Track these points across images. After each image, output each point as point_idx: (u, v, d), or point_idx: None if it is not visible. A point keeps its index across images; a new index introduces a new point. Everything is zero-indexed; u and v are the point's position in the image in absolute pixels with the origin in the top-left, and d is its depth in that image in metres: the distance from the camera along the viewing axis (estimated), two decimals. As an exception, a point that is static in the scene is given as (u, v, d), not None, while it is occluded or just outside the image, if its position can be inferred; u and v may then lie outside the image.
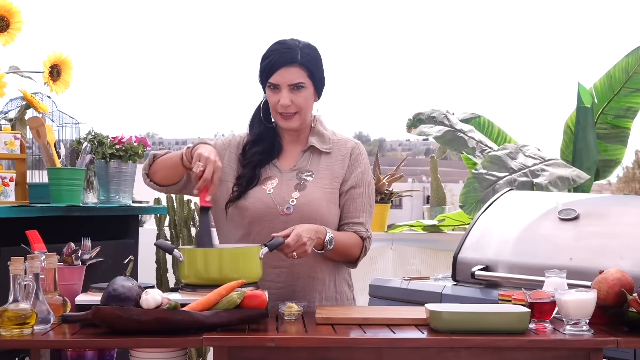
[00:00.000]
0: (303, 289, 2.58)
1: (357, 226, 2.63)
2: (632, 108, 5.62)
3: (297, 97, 2.57)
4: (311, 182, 2.60)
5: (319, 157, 2.66)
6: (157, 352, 2.16)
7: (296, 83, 2.56)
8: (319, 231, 2.48)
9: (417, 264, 5.11)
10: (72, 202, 3.15)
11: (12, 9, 3.31)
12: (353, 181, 2.65)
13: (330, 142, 2.68)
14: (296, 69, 2.56)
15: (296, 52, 2.57)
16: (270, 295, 2.51)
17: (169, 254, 2.44)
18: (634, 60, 5.51)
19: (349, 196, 2.64)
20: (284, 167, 2.65)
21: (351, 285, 2.75)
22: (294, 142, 2.69)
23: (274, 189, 2.59)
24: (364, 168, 2.68)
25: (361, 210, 2.65)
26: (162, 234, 4.67)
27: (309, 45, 2.64)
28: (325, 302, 2.61)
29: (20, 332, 2.01)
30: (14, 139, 3.07)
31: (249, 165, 2.64)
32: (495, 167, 4.92)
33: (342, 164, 2.65)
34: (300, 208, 2.55)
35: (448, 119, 5.56)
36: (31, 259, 2.11)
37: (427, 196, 6.34)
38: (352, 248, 2.61)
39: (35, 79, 3.37)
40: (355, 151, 2.69)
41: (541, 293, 2.23)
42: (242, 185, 2.61)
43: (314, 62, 2.61)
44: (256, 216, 2.57)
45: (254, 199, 2.58)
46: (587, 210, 3.18)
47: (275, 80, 2.57)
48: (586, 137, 5.57)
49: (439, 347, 2.06)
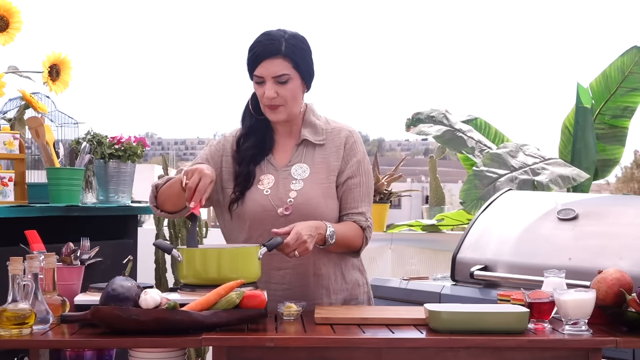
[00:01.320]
0: (309, 288, 2.56)
1: (357, 216, 2.61)
2: (630, 107, 5.62)
3: (283, 89, 2.54)
4: (307, 178, 2.58)
5: (314, 150, 2.63)
6: (156, 352, 2.16)
7: (280, 75, 2.52)
8: (319, 227, 2.47)
9: (416, 264, 5.11)
10: (71, 202, 3.15)
11: (11, 9, 3.31)
12: (349, 171, 2.62)
13: (324, 133, 2.65)
14: (280, 61, 2.52)
15: (280, 43, 2.53)
16: (277, 297, 2.51)
17: (168, 254, 2.44)
18: (629, 59, 5.52)
19: (346, 187, 2.62)
20: (279, 163, 2.63)
21: (362, 269, 2.72)
22: (287, 136, 2.66)
23: (271, 189, 2.57)
24: (360, 157, 2.65)
25: (359, 200, 2.62)
26: (161, 234, 4.67)
27: (295, 35, 2.59)
28: (334, 296, 2.59)
29: (19, 332, 2.00)
30: (13, 139, 3.07)
31: (243, 162, 2.62)
32: (496, 165, 4.92)
33: (336, 155, 2.62)
34: (299, 208, 2.53)
35: (447, 118, 5.56)
36: (30, 259, 2.10)
37: (426, 196, 6.34)
38: (353, 239, 2.59)
39: (34, 79, 3.38)
40: (350, 140, 2.65)
41: (540, 293, 2.23)
42: (241, 185, 2.60)
43: (299, 52, 2.56)
44: (255, 220, 2.56)
45: (252, 202, 2.57)
46: (586, 210, 3.18)
47: (259, 73, 2.54)
48: (585, 137, 5.58)
49: (437, 347, 2.06)
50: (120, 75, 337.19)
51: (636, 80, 5.53)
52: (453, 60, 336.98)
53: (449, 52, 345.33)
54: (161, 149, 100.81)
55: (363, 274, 2.72)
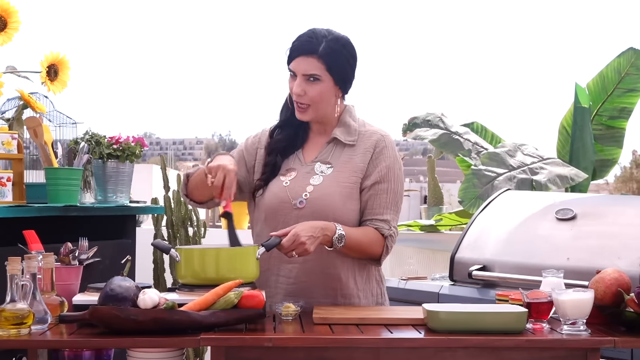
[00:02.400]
0: (315, 286, 2.53)
1: (381, 223, 2.54)
2: (627, 108, 5.65)
3: (311, 89, 2.51)
4: (328, 175, 2.55)
5: (342, 150, 2.59)
6: (155, 352, 2.16)
7: (311, 74, 2.50)
8: (326, 228, 2.42)
9: (414, 264, 5.12)
10: (69, 202, 3.15)
11: (9, 9, 3.31)
12: (377, 176, 2.55)
13: (356, 134, 2.60)
14: (313, 60, 2.49)
15: (319, 43, 2.49)
16: (281, 290, 2.51)
17: (166, 253, 2.44)
18: (625, 60, 5.54)
19: (372, 191, 2.55)
20: (305, 159, 2.61)
21: (380, 281, 2.66)
22: (321, 133, 2.64)
23: (290, 182, 2.56)
24: (390, 162, 2.57)
25: (385, 207, 2.55)
26: (159, 234, 4.67)
27: (340, 39, 2.54)
28: (341, 299, 2.55)
29: (18, 332, 2.00)
30: (12, 139, 3.07)
31: (272, 153, 2.62)
32: (495, 164, 4.93)
33: (363, 157, 2.56)
34: (313, 202, 2.50)
35: (443, 121, 5.57)
36: (28, 259, 2.10)
37: (424, 196, 6.34)
38: (371, 246, 2.53)
39: (32, 79, 3.38)
40: (380, 144, 2.58)
41: (538, 293, 2.23)
42: (266, 175, 2.60)
43: (336, 55, 2.51)
44: (270, 210, 2.56)
45: (270, 193, 2.57)
46: (584, 210, 3.18)
47: (293, 67, 2.53)
48: (583, 136, 5.59)
49: (436, 347, 2.06)
50: (118, 75, 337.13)
51: (632, 82, 5.55)
52: (452, 61, 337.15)
53: (446, 52, 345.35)
54: (159, 149, 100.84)
55: (379, 285, 2.65)
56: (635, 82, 5.55)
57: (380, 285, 2.66)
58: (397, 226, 2.62)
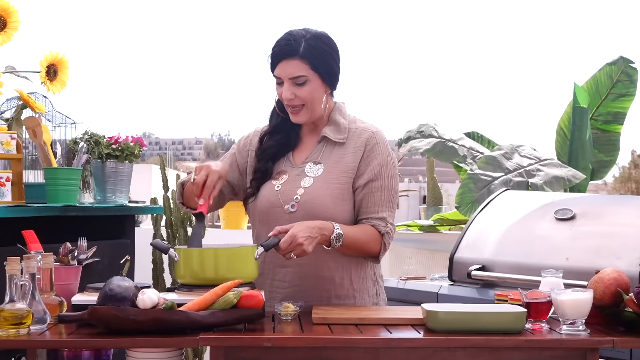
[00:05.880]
0: (310, 289, 2.52)
1: (377, 221, 2.52)
2: (620, 113, 5.77)
3: (300, 91, 2.50)
4: (318, 177, 2.53)
5: (332, 148, 2.57)
6: (154, 352, 2.16)
7: (296, 77, 2.49)
8: (324, 228, 2.41)
9: (413, 264, 5.13)
10: (68, 202, 3.15)
11: (9, 9, 3.30)
12: (370, 174, 2.52)
13: (346, 132, 2.57)
14: (296, 62, 2.48)
15: (299, 44, 2.48)
16: (277, 295, 2.51)
17: (165, 253, 2.44)
18: (616, 68, 5.68)
19: (366, 190, 2.52)
20: (296, 160, 2.60)
21: (377, 280, 2.64)
22: (312, 133, 2.63)
23: (282, 185, 2.55)
24: (382, 159, 2.54)
25: (380, 205, 2.53)
26: (158, 233, 4.68)
27: (318, 35, 2.53)
28: (336, 301, 2.54)
29: (17, 332, 2.00)
30: (11, 139, 3.07)
31: (263, 159, 2.61)
32: (491, 168, 4.94)
33: (354, 156, 2.54)
34: (304, 205, 2.49)
35: (436, 130, 5.60)
36: (27, 259, 2.10)
37: (423, 196, 6.33)
38: (369, 243, 2.51)
39: (31, 79, 3.37)
40: (371, 141, 2.55)
41: (537, 293, 2.23)
42: (257, 181, 2.59)
43: (318, 53, 2.49)
44: (263, 215, 2.55)
45: (262, 198, 2.56)
46: (583, 210, 3.18)
47: (277, 74, 2.52)
48: (582, 137, 5.60)
49: (435, 347, 2.06)
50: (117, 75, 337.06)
51: (625, 87, 5.68)
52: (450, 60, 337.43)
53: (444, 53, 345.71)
54: (159, 149, 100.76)
55: (375, 285, 2.64)
56: (628, 87, 5.70)
57: (377, 285, 2.65)
58: (394, 223, 2.61)
